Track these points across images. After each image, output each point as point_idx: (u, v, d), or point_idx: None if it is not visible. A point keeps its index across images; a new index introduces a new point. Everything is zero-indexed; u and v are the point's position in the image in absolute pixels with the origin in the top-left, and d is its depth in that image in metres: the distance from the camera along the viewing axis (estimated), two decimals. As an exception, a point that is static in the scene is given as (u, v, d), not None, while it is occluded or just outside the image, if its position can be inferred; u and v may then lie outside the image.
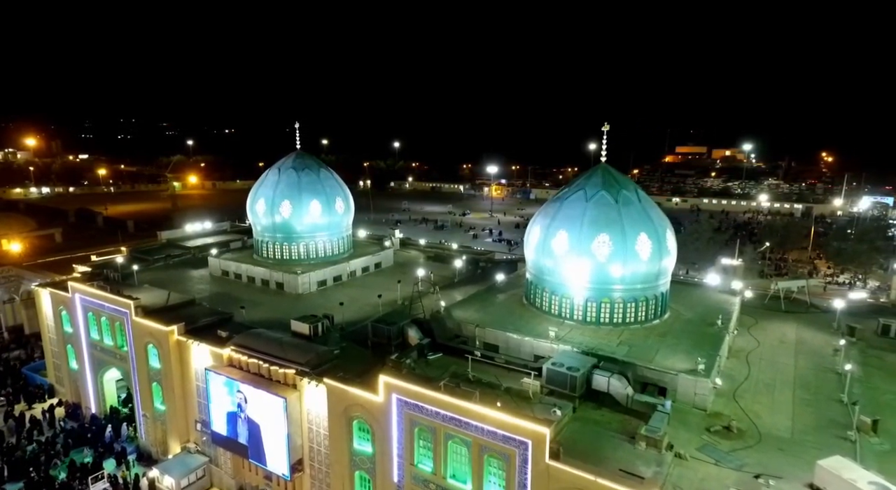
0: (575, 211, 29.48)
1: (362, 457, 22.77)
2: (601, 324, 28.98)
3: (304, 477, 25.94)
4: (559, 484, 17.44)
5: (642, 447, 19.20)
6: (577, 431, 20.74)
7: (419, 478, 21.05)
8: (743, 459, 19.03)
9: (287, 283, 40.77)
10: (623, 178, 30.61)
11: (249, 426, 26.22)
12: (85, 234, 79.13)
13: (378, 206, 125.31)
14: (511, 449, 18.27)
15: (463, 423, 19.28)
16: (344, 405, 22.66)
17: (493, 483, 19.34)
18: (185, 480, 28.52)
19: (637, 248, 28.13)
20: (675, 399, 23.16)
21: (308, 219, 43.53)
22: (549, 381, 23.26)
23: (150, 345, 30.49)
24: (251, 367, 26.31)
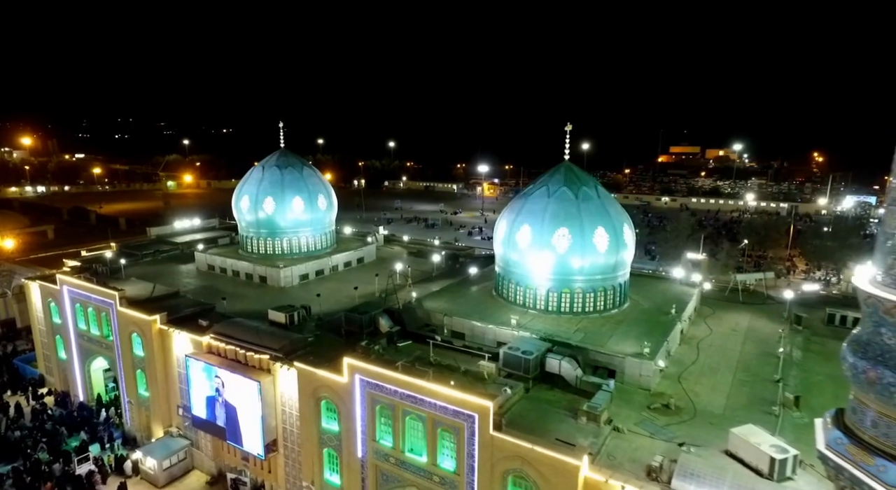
0: (538, 206, 31.14)
1: (330, 435, 24.32)
2: (562, 313, 30.66)
3: (278, 456, 27.46)
4: (502, 453, 19.04)
5: (583, 421, 20.86)
6: (528, 408, 22.40)
7: (380, 452, 22.61)
8: (675, 432, 20.70)
9: (270, 277, 42.28)
10: (584, 176, 32.28)
11: (227, 409, 27.74)
12: (77, 231, 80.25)
13: (372, 205, 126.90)
14: (460, 422, 19.85)
15: (418, 400, 20.85)
16: (313, 387, 24.22)
17: (445, 455, 20.93)
18: (167, 462, 30.00)
19: (595, 241, 29.80)
20: (623, 380, 24.89)
21: (291, 215, 45.06)
22: (506, 364, 24.90)
23: (134, 334, 31.95)
24: (229, 354, 27.81)
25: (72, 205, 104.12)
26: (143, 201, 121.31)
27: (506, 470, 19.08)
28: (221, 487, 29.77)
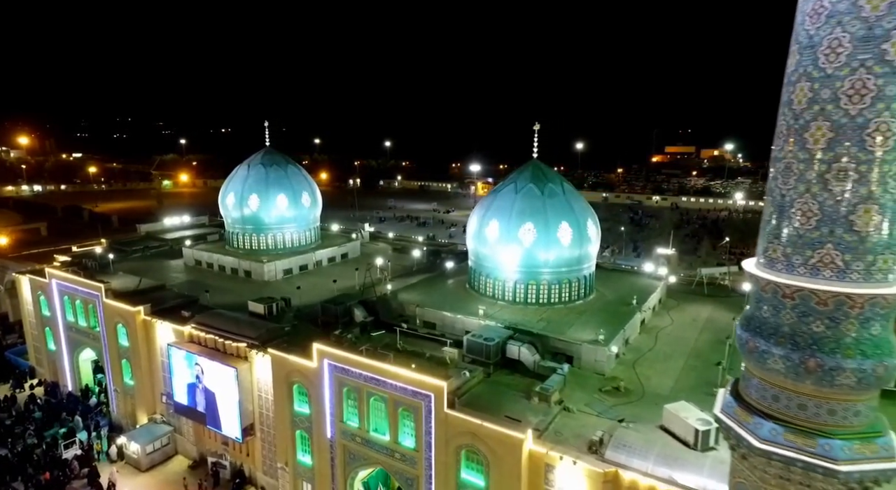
0: (506, 202, 32.50)
1: (301, 417, 25.64)
2: (529, 304, 32.04)
3: (255, 440, 28.78)
4: (455, 429, 20.40)
5: (535, 402, 22.21)
6: (487, 391, 23.75)
7: (347, 433, 23.95)
8: (622, 412, 22.06)
9: (254, 271, 43.58)
10: (551, 173, 33.67)
11: (206, 395, 29.06)
12: (70, 229, 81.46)
13: (366, 204, 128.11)
14: (418, 402, 21.19)
15: (381, 382, 22.19)
16: (285, 372, 25.53)
17: (406, 433, 22.26)
18: (150, 447, 31.32)
19: (559, 236, 31.18)
20: (580, 365, 26.27)
21: (275, 212, 46.35)
22: (469, 350, 26.26)
23: (119, 325, 33.23)
24: (208, 343, 29.13)
25: (68, 203, 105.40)
26: (138, 200, 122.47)
27: (459, 445, 20.44)
28: (203, 471, 31.11)
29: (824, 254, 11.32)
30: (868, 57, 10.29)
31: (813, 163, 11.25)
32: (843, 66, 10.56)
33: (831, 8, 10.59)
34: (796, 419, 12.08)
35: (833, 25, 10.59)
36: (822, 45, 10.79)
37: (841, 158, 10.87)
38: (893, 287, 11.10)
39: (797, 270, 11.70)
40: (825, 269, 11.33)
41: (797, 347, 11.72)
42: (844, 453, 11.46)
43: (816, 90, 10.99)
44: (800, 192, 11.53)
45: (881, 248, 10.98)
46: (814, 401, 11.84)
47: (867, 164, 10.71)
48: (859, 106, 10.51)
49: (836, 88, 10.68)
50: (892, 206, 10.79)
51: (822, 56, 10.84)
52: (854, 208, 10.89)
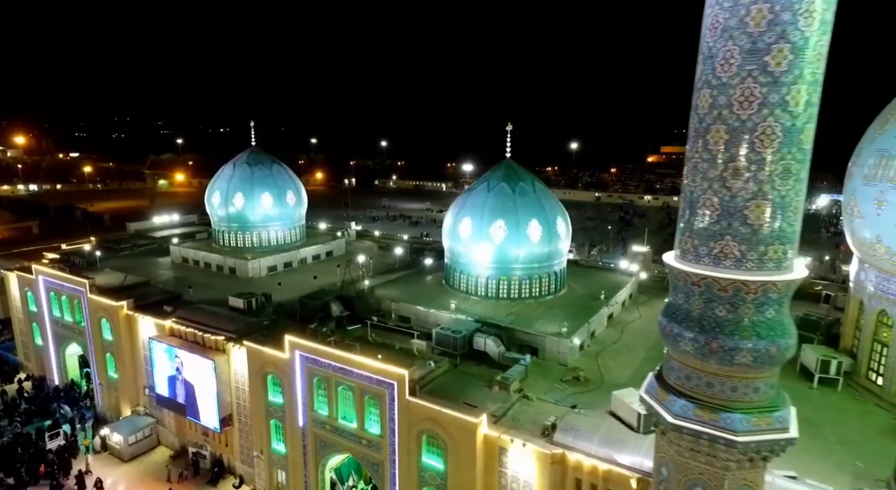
0: (478, 201, 33.61)
1: (275, 407, 26.67)
2: (500, 298, 33.14)
3: (233, 430, 29.79)
4: (416, 415, 21.47)
5: (496, 390, 23.31)
6: (452, 380, 24.83)
7: (318, 421, 24.99)
8: (578, 400, 23.17)
9: (238, 268, 44.56)
10: (523, 172, 34.75)
11: (186, 387, 30.04)
12: (62, 227, 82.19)
13: (360, 203, 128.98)
14: (382, 390, 22.25)
15: (348, 371, 23.24)
16: (260, 363, 26.56)
17: (372, 420, 23.32)
18: (132, 438, 32.29)
19: (528, 233, 32.28)
20: (544, 357, 27.39)
21: (260, 210, 47.34)
22: (438, 342, 27.35)
23: (103, 319, 34.17)
24: (188, 336, 30.12)
25: (63, 203, 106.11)
26: (133, 199, 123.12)
27: (420, 431, 21.51)
28: (183, 461, 32.09)
29: (724, 245, 12.44)
30: (754, 68, 11.41)
31: (714, 162, 12.37)
32: (735, 76, 11.68)
33: (724, 23, 11.71)
34: (704, 396, 13.21)
35: (726, 39, 11.71)
36: (719, 57, 11.91)
37: (735, 158, 11.99)
38: (783, 275, 12.23)
39: (703, 260, 12.82)
40: (725, 259, 12.45)
41: (703, 330, 12.84)
42: (743, 426, 12.58)
43: (715, 96, 12.10)
44: (704, 189, 12.65)
45: (771, 239, 12.11)
46: (718, 379, 12.96)
47: (757, 163, 11.83)
48: (748, 111, 11.63)
49: (730, 95, 11.80)
50: (780, 201, 11.92)
51: (718, 66, 11.96)
52: (747, 203, 12.02)
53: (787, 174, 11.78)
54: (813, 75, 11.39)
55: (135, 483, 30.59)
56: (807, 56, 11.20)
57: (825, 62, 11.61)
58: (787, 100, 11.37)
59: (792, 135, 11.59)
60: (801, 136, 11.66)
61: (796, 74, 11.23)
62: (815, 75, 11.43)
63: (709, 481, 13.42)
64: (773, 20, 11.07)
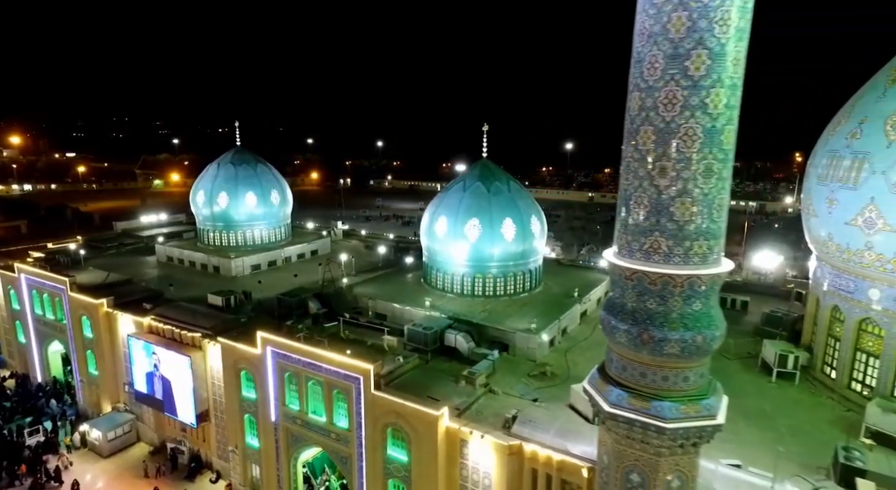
0: (454, 200, 34.16)
1: (249, 402, 27.12)
2: (476, 296, 33.69)
3: (210, 425, 30.22)
4: (382, 409, 21.97)
5: (462, 385, 23.84)
6: (421, 375, 25.36)
7: (289, 415, 25.46)
8: (542, 394, 23.72)
9: (222, 267, 44.96)
10: (498, 172, 35.31)
11: (163, 383, 30.45)
12: (52, 227, 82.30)
13: (354, 203, 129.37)
14: (350, 384, 22.74)
15: (317, 366, 23.72)
16: (234, 359, 27.00)
17: (340, 413, 23.82)
18: (111, 434, 32.65)
19: (502, 231, 32.84)
20: (514, 352, 27.95)
21: (245, 209, 47.77)
22: (410, 338, 27.87)
23: (83, 317, 34.52)
24: (165, 333, 30.52)
25: (56, 203, 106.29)
26: (127, 199, 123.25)
27: (385, 424, 22.02)
28: (162, 457, 32.48)
29: (654, 240, 13.02)
30: (676, 72, 11.99)
31: (644, 162, 12.95)
32: (660, 79, 12.26)
33: (650, 29, 12.29)
34: (638, 385, 13.79)
35: (652, 44, 12.28)
36: (645, 61, 12.49)
37: (662, 158, 12.57)
38: (708, 269, 12.82)
39: (635, 255, 13.40)
40: (655, 254, 13.03)
41: (636, 322, 13.41)
42: (672, 413, 13.16)
43: (643, 99, 12.68)
44: (635, 187, 13.23)
45: (696, 235, 12.69)
46: (651, 369, 13.54)
47: (681, 162, 12.41)
48: (672, 113, 12.21)
49: (656, 98, 12.38)
50: (703, 198, 12.51)
51: (645, 70, 12.53)
52: (673, 201, 12.60)
53: (710, 173, 12.37)
54: (731, 79, 11.98)
55: (113, 479, 30.96)
56: (724, 61, 11.79)
57: (743, 67, 12.21)
58: (706, 102, 11.95)
59: (712, 136, 12.18)
60: (721, 137, 12.24)
61: (714, 78, 11.82)
62: (733, 79, 12.02)
63: (644, 467, 13.99)
64: (691, 27, 11.65)
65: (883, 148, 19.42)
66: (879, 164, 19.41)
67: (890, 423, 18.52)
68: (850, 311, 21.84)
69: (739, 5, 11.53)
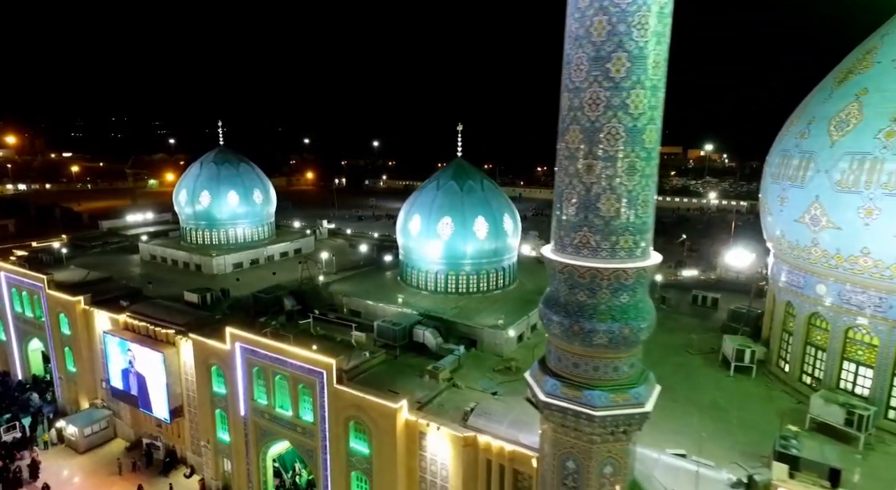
0: (428, 198, 34.65)
1: (219, 397, 27.55)
2: (449, 293, 34.19)
3: (184, 421, 30.62)
4: (344, 403, 22.45)
5: (426, 379, 24.33)
6: (388, 370, 25.81)
7: (258, 410, 25.90)
8: (505, 387, 24.22)
9: (204, 265, 45.31)
10: (472, 171, 35.83)
11: (138, 379, 30.84)
12: (40, 226, 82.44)
13: (349, 202, 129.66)
14: (314, 378, 23.20)
15: (283, 361, 24.17)
16: (204, 355, 27.43)
17: (305, 408, 24.28)
18: (88, 430, 32.99)
19: (475, 229, 33.34)
20: (482, 348, 28.44)
21: (227, 208, 48.11)
22: (379, 334, 28.32)
23: (61, 314, 34.87)
24: (140, 330, 30.91)
25: (49, 202, 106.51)
26: (120, 199, 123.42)
27: (347, 417, 22.50)
28: (138, 453, 32.84)
29: (583, 235, 13.54)
30: (599, 74, 12.51)
31: (573, 159, 13.46)
32: (584, 81, 12.77)
33: (576, 32, 12.80)
34: (571, 375, 14.30)
35: (577, 47, 12.80)
36: (573, 63, 13.00)
37: (588, 156, 13.08)
38: (634, 262, 13.33)
39: (567, 250, 13.91)
40: (584, 248, 13.55)
41: (568, 314, 13.93)
42: (602, 402, 13.68)
43: (571, 99, 13.19)
44: (566, 184, 13.74)
45: (622, 230, 13.21)
46: (583, 359, 14.06)
47: (606, 161, 12.93)
48: (596, 113, 12.73)
49: (582, 98, 12.89)
50: (627, 195, 13.03)
51: (573, 71, 13.04)
52: (599, 197, 13.12)
53: (633, 171, 12.88)
54: (651, 81, 12.50)
55: (88, 474, 31.30)
56: (644, 64, 12.31)
57: (664, 69, 12.73)
58: (627, 103, 12.47)
59: (634, 135, 12.70)
60: (643, 137, 12.76)
61: (634, 80, 12.33)
62: (653, 81, 12.54)
63: (578, 455, 14.51)
64: (611, 31, 12.17)
65: (827, 147, 20.00)
66: (823, 164, 19.99)
67: (831, 413, 19.10)
68: (800, 306, 22.42)
69: (657, 11, 12.04)
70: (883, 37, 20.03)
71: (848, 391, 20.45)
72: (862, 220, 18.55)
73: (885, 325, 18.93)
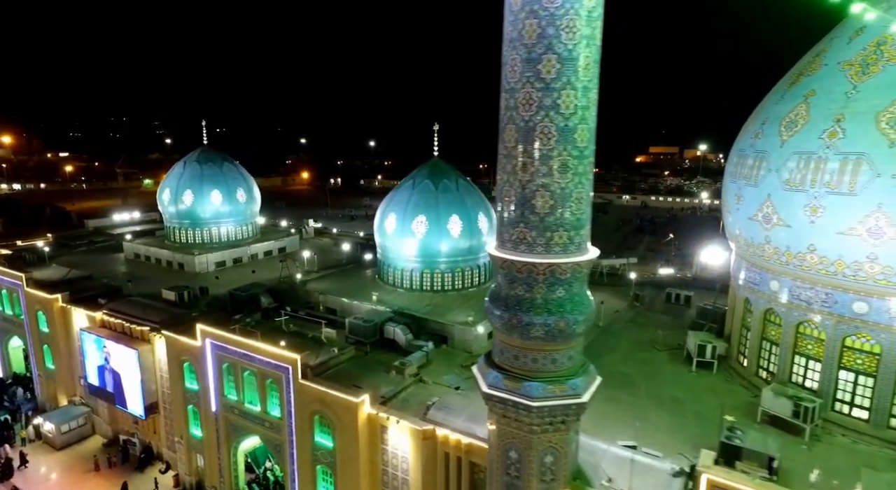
0: (403, 197, 35.05)
1: (192, 393, 27.89)
2: (425, 291, 34.59)
3: (159, 418, 30.94)
4: (309, 397, 22.84)
5: (393, 374, 24.74)
6: (357, 366, 26.19)
7: (228, 406, 26.26)
8: (469, 383, 24.50)
9: (186, 264, 45.58)
10: (448, 170, 36.23)
11: (114, 376, 31.13)
12: (29, 225, 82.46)
13: (343, 202, 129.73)
14: (280, 374, 23.58)
15: (251, 357, 24.54)
16: (177, 351, 27.76)
17: (273, 403, 24.65)
18: (65, 427, 33.27)
19: (449, 227, 33.74)
20: (453, 344, 28.86)
21: (210, 207, 48.40)
22: (351, 331, 28.72)
23: (39, 312, 35.13)
24: (116, 327, 31.21)
25: (42, 202, 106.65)
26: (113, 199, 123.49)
27: (312, 411, 22.88)
28: (115, 449, 33.13)
29: (520, 231, 13.97)
30: (531, 75, 12.93)
31: (510, 158, 13.89)
32: (518, 81, 13.19)
33: (510, 35, 13.23)
34: (513, 367, 14.73)
35: (512, 49, 13.22)
36: (508, 65, 13.43)
37: (523, 155, 13.51)
38: (568, 257, 13.76)
39: (506, 246, 14.34)
40: (521, 244, 13.98)
41: (507, 308, 14.36)
42: (539, 392, 14.10)
43: (507, 99, 13.63)
44: (505, 182, 14.18)
45: (556, 226, 13.64)
46: (522, 352, 14.49)
47: (539, 159, 13.36)
48: (529, 113, 13.15)
49: (517, 99, 13.32)
50: (560, 193, 13.46)
51: (508, 73, 13.47)
52: (534, 194, 13.55)
53: (565, 169, 13.31)
54: (581, 82, 12.93)
55: (64, 471, 31.57)
56: (573, 65, 12.74)
57: (595, 71, 13.15)
58: (558, 103, 12.90)
59: (566, 134, 13.12)
60: (574, 136, 13.19)
61: (564, 81, 12.76)
62: (584, 82, 12.97)
63: (519, 444, 14.93)
64: (541, 34, 12.60)
65: (777, 147, 20.47)
66: (774, 163, 20.45)
67: (780, 406, 19.60)
68: (756, 302, 22.90)
69: (585, 15, 12.48)
70: (832, 40, 20.52)
71: (799, 384, 20.94)
72: (808, 218, 19.02)
73: (831, 320, 19.41)
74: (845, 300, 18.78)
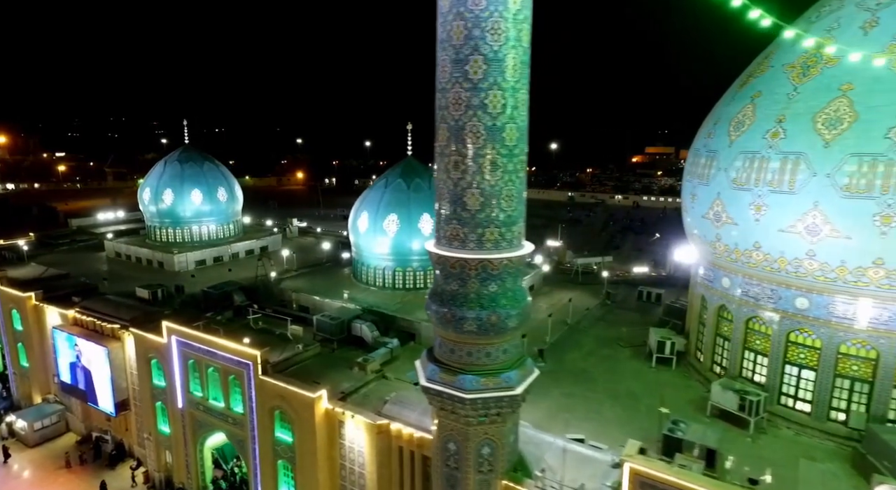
0: (376, 196, 35.37)
1: (159, 389, 28.10)
2: (397, 289, 34.90)
3: (130, 414, 31.12)
4: (269, 393, 23.11)
5: (355, 370, 25.04)
6: (321, 362, 26.52)
7: (193, 402, 26.49)
8: (432, 379, 25.03)
9: (166, 262, 45.74)
10: (421, 169, 36.55)
11: (85, 373, 31.30)
12: (16, 225, 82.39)
13: (337, 202, 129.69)
14: (241, 370, 23.84)
15: (214, 353, 24.79)
16: (144, 348, 27.98)
17: (236, 399, 24.90)
18: (38, 424, 33.40)
19: (420, 226, 34.05)
20: (420, 341, 29.16)
21: (191, 206, 48.56)
22: (318, 328, 29.00)
23: (13, 310, 35.25)
24: (87, 325, 31.38)
25: (34, 201, 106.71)
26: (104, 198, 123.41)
27: (272, 407, 23.15)
28: (88, 446, 33.28)
29: (453, 228, 14.31)
30: (459, 75, 13.27)
31: (443, 157, 14.22)
32: (448, 81, 13.53)
33: (441, 37, 13.57)
34: (449, 361, 15.07)
35: (442, 50, 13.56)
36: (440, 66, 13.77)
37: (454, 153, 13.84)
38: (500, 253, 14.10)
39: (442, 242, 14.69)
40: (454, 240, 14.32)
41: (443, 303, 14.69)
42: (472, 385, 14.44)
43: (440, 99, 13.96)
44: (440, 180, 14.52)
45: (487, 223, 13.99)
46: (458, 345, 14.83)
47: (470, 158, 13.70)
48: (459, 113, 13.49)
49: (448, 99, 13.66)
50: (490, 190, 13.80)
51: (440, 73, 13.80)
52: (465, 192, 13.89)
53: (495, 167, 13.65)
54: (508, 83, 13.26)
55: (36, 468, 31.70)
56: (500, 66, 13.08)
57: (523, 71, 13.49)
58: (486, 103, 13.24)
59: (494, 133, 13.46)
60: (503, 135, 13.53)
61: (491, 82, 13.10)
62: (511, 83, 13.31)
63: (457, 436, 15.27)
64: (468, 35, 12.94)
65: (726, 147, 20.87)
66: (724, 162, 20.86)
67: (727, 400, 20.01)
68: (711, 298, 23.32)
69: (510, 17, 12.82)
70: (779, 43, 20.94)
71: (749, 379, 21.35)
72: (753, 216, 19.44)
73: (776, 316, 19.82)
74: (788, 296, 19.21)
